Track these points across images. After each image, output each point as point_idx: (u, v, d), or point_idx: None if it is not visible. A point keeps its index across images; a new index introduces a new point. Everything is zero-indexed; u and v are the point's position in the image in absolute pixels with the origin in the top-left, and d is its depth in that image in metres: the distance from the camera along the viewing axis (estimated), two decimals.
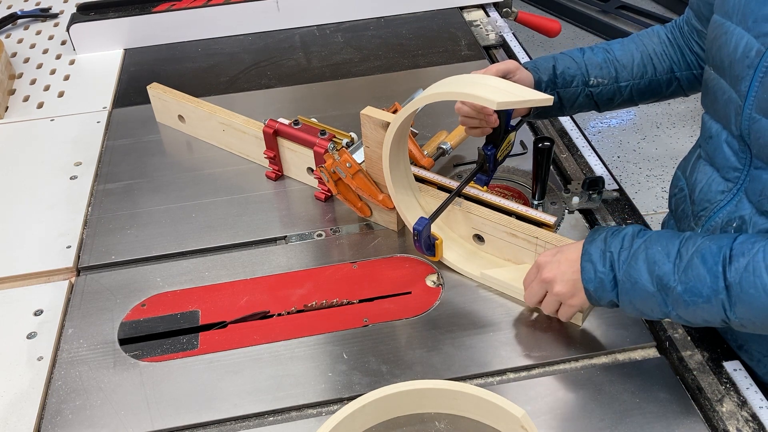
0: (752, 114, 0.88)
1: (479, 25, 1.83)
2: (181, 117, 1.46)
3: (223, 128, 1.39)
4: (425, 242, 1.09)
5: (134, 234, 1.25)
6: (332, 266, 1.16)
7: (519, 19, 1.93)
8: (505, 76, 1.09)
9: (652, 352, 1.01)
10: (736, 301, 0.82)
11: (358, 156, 1.18)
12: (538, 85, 1.13)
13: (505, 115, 1.08)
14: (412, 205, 1.16)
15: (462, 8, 1.89)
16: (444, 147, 1.30)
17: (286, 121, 1.29)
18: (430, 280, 1.12)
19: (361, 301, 1.10)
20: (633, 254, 0.88)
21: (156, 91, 1.47)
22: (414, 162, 1.24)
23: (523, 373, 0.99)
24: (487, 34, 1.79)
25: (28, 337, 1.07)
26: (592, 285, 0.91)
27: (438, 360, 1.00)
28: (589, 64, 1.15)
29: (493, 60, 1.70)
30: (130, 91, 1.64)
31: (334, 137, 1.24)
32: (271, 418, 0.96)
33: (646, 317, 0.98)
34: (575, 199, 1.23)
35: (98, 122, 1.54)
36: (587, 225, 1.21)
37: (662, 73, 1.14)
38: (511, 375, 0.99)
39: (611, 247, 0.91)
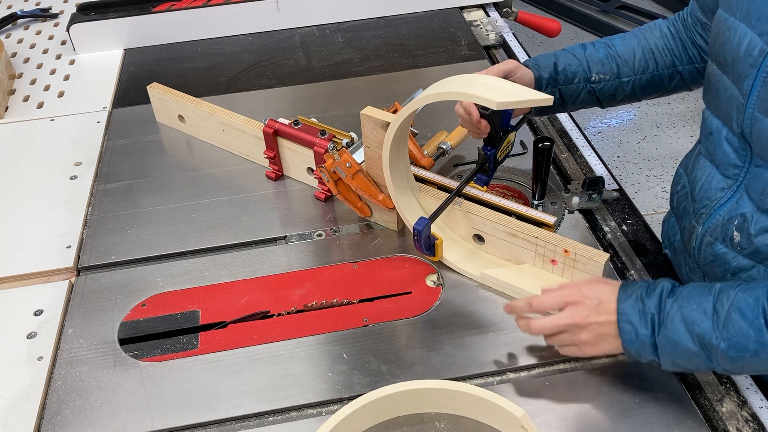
0: (754, 113, 0.88)
1: (479, 25, 1.83)
2: (181, 117, 1.46)
3: (223, 128, 1.39)
4: (425, 242, 1.09)
5: (134, 234, 1.25)
6: (332, 266, 1.16)
7: (519, 19, 1.93)
8: (505, 76, 1.09)
9: None
10: None
11: (358, 156, 1.18)
12: (539, 83, 1.13)
13: (505, 114, 1.08)
14: (412, 205, 1.16)
15: (462, 8, 1.89)
16: (444, 147, 1.30)
17: (286, 121, 1.29)
18: (430, 280, 1.12)
19: (361, 301, 1.10)
20: (668, 315, 0.86)
21: (156, 91, 1.47)
22: (414, 162, 1.24)
23: (523, 373, 0.99)
24: (487, 34, 1.79)
25: (28, 337, 1.07)
26: (634, 347, 0.89)
27: (438, 360, 1.00)
28: (590, 60, 1.15)
29: (493, 60, 1.70)
30: (130, 91, 1.64)
31: (334, 137, 1.24)
32: (271, 418, 0.96)
33: (690, 372, 0.97)
34: (575, 199, 1.23)
35: (98, 122, 1.54)
36: (587, 225, 1.21)
37: (664, 67, 1.14)
38: (511, 375, 0.99)
39: (650, 307, 0.87)
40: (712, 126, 0.98)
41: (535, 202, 1.22)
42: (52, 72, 1.73)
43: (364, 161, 1.16)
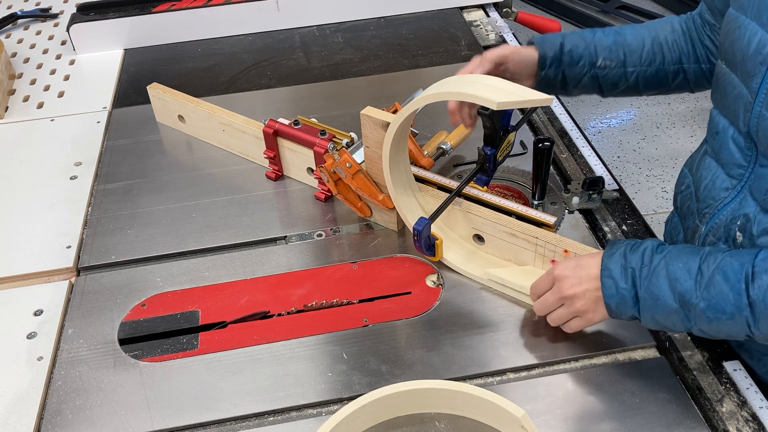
0: (762, 111, 0.88)
1: (479, 25, 1.83)
2: (181, 117, 1.46)
3: (223, 128, 1.39)
4: (425, 242, 1.09)
5: (134, 234, 1.25)
6: (332, 266, 1.16)
7: (519, 19, 1.93)
8: (502, 62, 1.09)
9: (652, 352, 1.01)
10: (760, 317, 0.82)
11: (358, 156, 1.18)
12: (543, 61, 1.12)
13: (505, 114, 1.08)
14: (412, 205, 1.16)
15: (462, 8, 1.89)
16: (444, 147, 1.30)
17: (286, 121, 1.29)
18: (430, 280, 1.12)
19: (361, 301, 1.10)
20: (653, 270, 0.88)
21: (156, 91, 1.47)
22: (414, 162, 1.24)
23: (523, 373, 0.99)
24: (487, 35, 1.79)
25: (28, 337, 1.07)
26: (614, 301, 0.91)
27: (438, 360, 1.00)
28: (598, 44, 1.13)
29: None
30: (130, 91, 1.64)
31: (334, 137, 1.24)
32: (271, 418, 0.96)
33: (667, 331, 0.98)
34: (575, 199, 1.23)
35: (98, 122, 1.54)
36: (587, 225, 1.21)
37: (670, 63, 1.13)
38: (511, 375, 0.99)
39: (632, 262, 0.90)
40: (719, 125, 0.98)
41: (535, 202, 1.22)
42: (52, 72, 1.73)
43: (364, 161, 1.16)
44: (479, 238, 1.14)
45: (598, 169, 1.33)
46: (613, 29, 1.16)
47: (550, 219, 1.08)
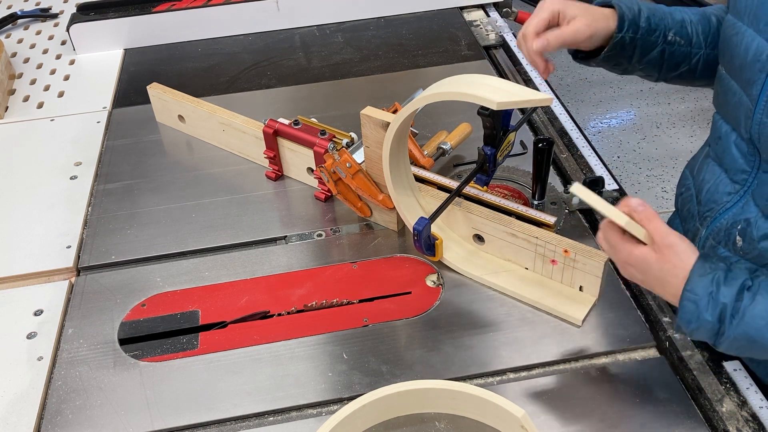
0: (763, 119, 0.87)
1: (479, 25, 1.83)
2: (181, 117, 1.46)
3: (223, 128, 1.39)
4: (425, 242, 1.09)
5: (134, 234, 1.25)
6: (332, 266, 1.16)
7: (519, 19, 1.92)
8: (552, 23, 1.02)
9: (652, 352, 1.01)
10: None
11: (358, 156, 1.18)
12: (621, 22, 1.03)
13: (505, 114, 1.08)
14: (412, 205, 1.16)
15: (462, 8, 1.89)
16: (444, 147, 1.30)
17: (286, 121, 1.29)
18: (430, 280, 1.12)
19: (361, 301, 1.10)
20: (746, 310, 0.81)
21: (156, 91, 1.47)
22: (414, 162, 1.24)
23: (523, 373, 0.99)
24: (487, 34, 1.79)
25: (28, 337, 1.07)
26: (690, 327, 0.85)
27: (438, 360, 1.00)
28: (669, 18, 1.06)
29: (493, 60, 1.70)
30: (130, 91, 1.64)
31: (334, 137, 1.24)
32: (271, 418, 0.96)
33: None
34: (575, 199, 1.23)
35: (98, 122, 1.54)
36: (587, 225, 1.21)
37: None
38: (511, 375, 0.99)
39: (724, 296, 0.82)
40: (721, 130, 0.97)
41: (535, 202, 1.22)
42: (52, 72, 1.73)
43: (364, 161, 1.16)
44: (479, 238, 1.14)
45: (598, 169, 1.33)
46: (676, 8, 1.09)
47: (550, 219, 1.08)
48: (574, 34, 1.02)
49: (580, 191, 0.89)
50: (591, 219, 1.22)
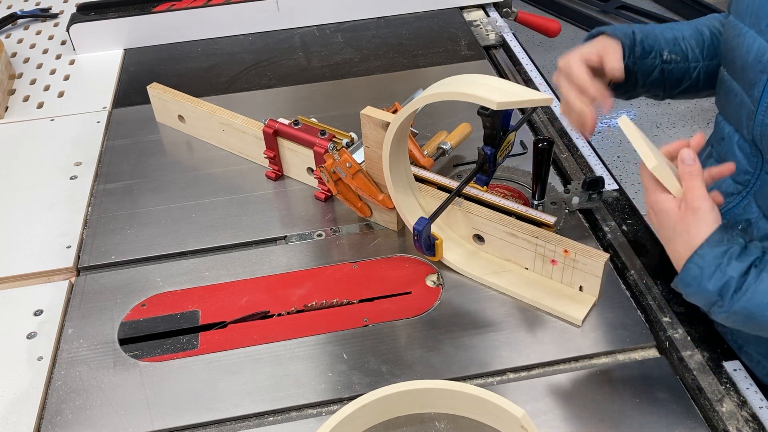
0: (765, 120, 0.87)
1: (479, 25, 1.83)
2: (181, 117, 1.46)
3: (223, 128, 1.39)
4: (425, 242, 1.09)
5: (134, 234, 1.25)
6: (332, 266, 1.16)
7: (519, 19, 1.93)
8: (601, 59, 1.00)
9: (652, 352, 1.01)
10: None
11: (358, 156, 1.18)
12: (622, 49, 1.03)
13: (505, 114, 1.08)
14: (412, 205, 1.16)
15: (462, 8, 1.89)
16: (444, 147, 1.30)
17: (286, 121, 1.29)
18: (430, 280, 1.12)
19: (361, 301, 1.10)
20: (749, 287, 0.81)
21: (156, 91, 1.47)
22: (414, 162, 1.24)
23: (523, 373, 0.99)
24: (487, 34, 1.79)
25: (28, 337, 1.07)
26: (690, 290, 0.84)
27: (438, 360, 1.00)
28: (661, 37, 1.06)
29: (493, 60, 1.70)
30: (130, 91, 1.64)
31: (334, 137, 1.24)
32: (271, 418, 0.96)
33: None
34: (575, 199, 1.23)
35: (98, 122, 1.54)
36: (587, 225, 1.21)
37: None
38: (511, 375, 0.99)
39: (733, 270, 0.81)
40: (724, 131, 0.97)
41: (535, 202, 1.22)
42: (52, 72, 1.73)
43: (364, 161, 1.16)
44: (479, 238, 1.14)
45: (598, 169, 1.33)
46: (667, 25, 1.09)
47: (550, 219, 1.08)
48: (620, 68, 0.98)
49: (624, 124, 0.88)
50: (591, 219, 1.23)
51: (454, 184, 1.16)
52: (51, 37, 1.88)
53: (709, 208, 0.83)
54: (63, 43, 1.84)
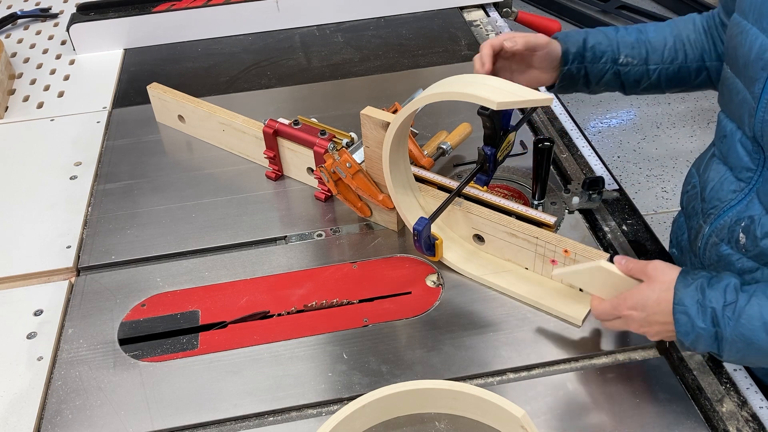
0: (765, 117, 0.88)
1: (479, 25, 1.83)
2: (181, 117, 1.46)
3: (223, 128, 1.39)
4: (425, 242, 1.09)
5: (134, 234, 1.25)
6: (332, 266, 1.16)
7: (519, 19, 1.93)
8: (534, 49, 1.08)
9: (652, 352, 1.01)
10: None
11: (358, 156, 1.18)
12: (565, 56, 1.11)
13: (505, 114, 1.08)
14: (412, 205, 1.16)
15: (462, 8, 1.89)
16: (444, 147, 1.30)
17: (286, 121, 1.29)
18: (430, 280, 1.12)
19: (361, 301, 1.10)
20: (741, 311, 0.82)
21: (156, 91, 1.47)
22: (414, 162, 1.24)
23: (523, 373, 0.99)
24: (487, 35, 1.79)
25: (28, 337, 1.07)
26: (689, 338, 0.86)
27: (438, 360, 1.00)
28: (620, 41, 1.12)
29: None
30: (130, 91, 1.64)
31: (334, 137, 1.24)
32: (271, 418, 0.96)
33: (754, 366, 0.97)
34: (575, 199, 1.23)
35: (98, 122, 1.54)
36: (587, 225, 1.21)
37: (693, 60, 1.11)
38: (511, 375, 0.99)
39: (711, 300, 0.84)
40: (726, 129, 0.98)
41: (535, 202, 1.22)
42: (52, 72, 1.73)
43: (364, 161, 1.16)
44: (479, 238, 1.14)
45: (598, 169, 1.33)
46: (635, 27, 1.15)
47: (550, 219, 1.08)
48: (535, 37, 1.09)
49: (606, 266, 0.96)
50: (591, 219, 1.23)
51: (454, 184, 1.16)
52: (51, 37, 1.88)
53: (658, 261, 0.91)
54: (63, 43, 1.84)
